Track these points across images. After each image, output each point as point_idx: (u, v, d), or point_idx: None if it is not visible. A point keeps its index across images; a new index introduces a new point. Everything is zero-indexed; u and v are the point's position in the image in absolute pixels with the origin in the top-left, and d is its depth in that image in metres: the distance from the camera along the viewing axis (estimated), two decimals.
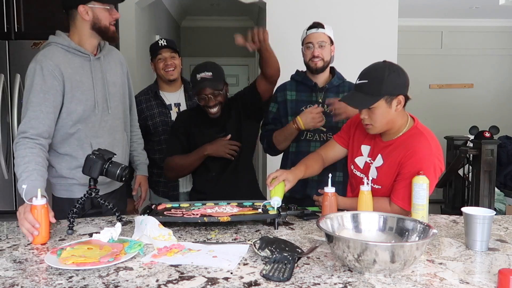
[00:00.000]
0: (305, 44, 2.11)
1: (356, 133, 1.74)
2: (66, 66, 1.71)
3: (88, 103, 1.77)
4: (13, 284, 1.06)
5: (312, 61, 2.08)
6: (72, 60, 1.74)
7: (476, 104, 6.16)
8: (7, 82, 2.81)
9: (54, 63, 1.68)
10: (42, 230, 1.36)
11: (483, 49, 6.15)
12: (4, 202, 2.86)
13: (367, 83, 1.51)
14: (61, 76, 1.69)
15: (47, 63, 1.67)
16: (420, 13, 5.67)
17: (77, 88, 1.74)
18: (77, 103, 1.74)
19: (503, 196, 4.68)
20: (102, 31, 1.76)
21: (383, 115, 1.52)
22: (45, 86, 1.66)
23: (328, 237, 1.16)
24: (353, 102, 1.58)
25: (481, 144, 4.16)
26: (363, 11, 3.64)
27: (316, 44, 2.07)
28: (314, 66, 2.09)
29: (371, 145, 1.67)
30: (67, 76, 1.71)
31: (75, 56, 1.75)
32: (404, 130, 1.60)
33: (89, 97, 1.77)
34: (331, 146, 1.84)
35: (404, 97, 1.53)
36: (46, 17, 2.89)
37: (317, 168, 1.80)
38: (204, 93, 1.94)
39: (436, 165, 1.55)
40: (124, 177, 1.58)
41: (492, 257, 1.24)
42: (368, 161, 1.66)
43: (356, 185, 1.68)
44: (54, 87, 1.68)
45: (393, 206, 1.57)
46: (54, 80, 1.68)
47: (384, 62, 1.54)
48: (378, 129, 1.58)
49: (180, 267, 1.15)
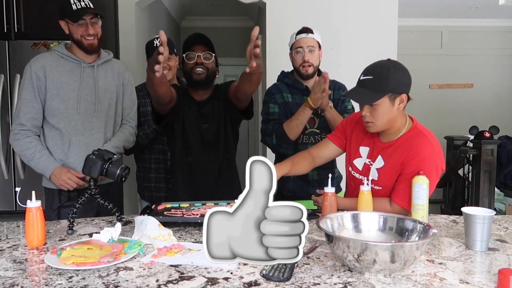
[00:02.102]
0: (295, 49, 2.11)
1: (353, 134, 1.73)
2: (53, 68, 1.95)
3: (70, 102, 1.96)
4: (13, 284, 1.06)
5: (303, 67, 2.09)
6: (63, 65, 1.98)
7: (476, 104, 6.16)
8: (7, 82, 2.81)
9: (41, 65, 1.94)
10: (38, 233, 1.35)
11: (483, 49, 6.15)
12: (4, 202, 2.86)
13: (371, 79, 1.49)
14: (44, 76, 1.94)
15: (35, 65, 1.95)
16: (420, 13, 5.67)
17: (62, 88, 1.95)
18: (60, 102, 1.95)
19: (503, 196, 4.68)
20: (76, 42, 1.97)
21: (385, 112, 1.51)
22: (33, 84, 1.93)
23: (328, 237, 1.16)
24: (357, 97, 1.56)
25: (481, 144, 4.16)
26: (363, 11, 3.64)
27: (306, 48, 2.07)
28: (305, 72, 2.09)
29: (370, 146, 1.65)
30: (51, 77, 1.94)
31: (67, 62, 1.98)
32: (403, 130, 1.59)
33: (73, 97, 1.96)
34: (325, 145, 1.81)
35: (407, 96, 1.53)
36: (46, 17, 2.89)
37: (305, 167, 1.77)
38: (196, 51, 1.95)
39: (438, 165, 1.55)
40: (124, 177, 1.58)
41: (492, 257, 1.24)
42: (368, 163, 1.65)
43: (355, 187, 1.66)
44: (39, 86, 1.94)
45: (394, 206, 1.56)
46: (38, 80, 1.93)
47: (389, 60, 1.53)
48: (379, 127, 1.56)
49: (180, 267, 1.16)
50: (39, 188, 2.82)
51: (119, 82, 2.12)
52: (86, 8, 1.91)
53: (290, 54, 2.16)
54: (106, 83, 2.05)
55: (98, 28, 1.98)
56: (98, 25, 1.98)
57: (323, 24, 3.52)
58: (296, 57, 2.11)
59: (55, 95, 1.95)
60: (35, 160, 1.92)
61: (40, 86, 1.93)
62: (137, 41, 3.65)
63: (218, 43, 2.27)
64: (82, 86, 1.98)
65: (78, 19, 1.91)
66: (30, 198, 1.37)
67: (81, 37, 1.94)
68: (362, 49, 3.52)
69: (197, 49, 1.98)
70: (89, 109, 2.00)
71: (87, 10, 1.91)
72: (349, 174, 1.74)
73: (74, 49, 2.00)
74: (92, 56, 2.03)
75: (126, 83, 2.15)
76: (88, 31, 1.93)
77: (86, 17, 1.92)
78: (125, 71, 2.17)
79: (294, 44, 2.11)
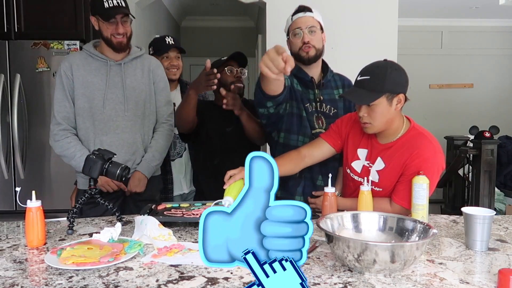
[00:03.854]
0: (292, 31, 1.82)
1: (349, 137, 1.70)
2: (79, 67, 1.95)
3: (95, 101, 1.94)
4: (13, 284, 1.06)
5: (303, 49, 1.79)
6: (90, 63, 1.96)
7: (476, 104, 6.16)
8: (7, 82, 2.81)
9: (69, 64, 1.95)
10: (38, 233, 1.35)
11: (483, 49, 6.15)
12: (4, 202, 2.86)
13: (369, 79, 1.49)
14: (71, 75, 1.94)
15: (64, 64, 1.96)
16: (420, 13, 5.67)
17: (87, 87, 1.94)
18: (85, 101, 1.94)
19: (503, 196, 4.68)
20: (105, 40, 1.94)
21: (383, 113, 1.51)
22: (63, 84, 1.94)
23: (328, 237, 1.16)
24: (355, 98, 1.55)
25: (481, 144, 4.16)
26: (363, 11, 3.64)
27: (306, 29, 1.79)
28: (306, 54, 1.80)
29: (368, 149, 1.64)
30: (77, 75, 1.94)
31: (94, 60, 1.97)
32: (402, 131, 1.58)
33: (97, 96, 1.94)
34: (318, 145, 1.74)
35: (404, 97, 1.53)
36: (46, 17, 2.90)
37: (291, 168, 1.71)
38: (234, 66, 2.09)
39: (440, 164, 1.55)
40: (124, 177, 1.58)
41: (492, 257, 1.24)
42: (367, 165, 1.64)
43: (355, 188, 1.66)
44: (68, 85, 1.94)
45: (395, 206, 1.56)
46: (67, 79, 1.94)
47: (386, 61, 1.53)
48: (376, 128, 1.56)
49: (180, 267, 1.16)
50: (39, 188, 2.83)
51: (149, 80, 2.05)
52: (118, 7, 1.88)
53: (288, 41, 1.87)
54: (134, 81, 2.00)
55: (128, 27, 1.96)
56: (128, 24, 1.96)
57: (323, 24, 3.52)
58: (294, 41, 1.82)
59: (81, 94, 1.94)
60: (76, 159, 1.91)
61: (69, 85, 1.94)
62: (137, 41, 3.64)
63: (218, 43, 2.29)
64: (108, 85, 1.95)
65: (109, 18, 1.88)
66: (30, 198, 1.36)
67: (111, 35, 1.91)
68: (362, 49, 3.52)
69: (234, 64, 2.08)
70: (115, 109, 1.97)
71: (119, 9, 1.88)
72: (347, 175, 1.73)
73: (103, 47, 1.97)
74: (121, 54, 1.98)
75: (158, 80, 2.08)
76: (118, 30, 1.91)
77: (117, 16, 1.89)
78: (157, 67, 2.09)
79: (291, 26, 1.84)
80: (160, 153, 2.07)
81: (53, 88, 2.80)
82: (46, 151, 2.87)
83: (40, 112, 2.86)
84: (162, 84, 2.10)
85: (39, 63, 2.83)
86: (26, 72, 2.83)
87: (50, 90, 2.85)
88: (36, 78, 2.84)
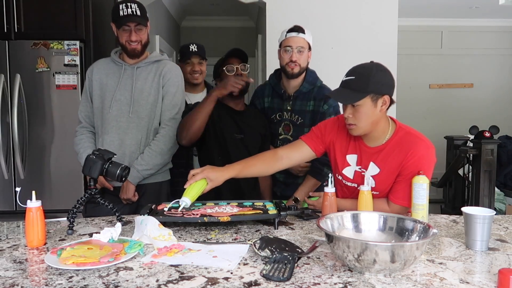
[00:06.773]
0: (283, 47, 2.07)
1: (335, 144, 1.67)
2: (99, 71, 2.10)
3: (105, 102, 2.06)
4: (13, 284, 1.06)
5: (289, 65, 2.05)
6: (109, 67, 2.10)
7: (476, 104, 6.16)
8: (7, 82, 2.81)
9: (91, 68, 2.13)
10: (38, 233, 1.35)
11: (483, 49, 6.15)
12: (4, 202, 2.86)
13: (354, 79, 1.49)
14: (91, 78, 2.10)
15: (89, 68, 2.15)
16: (420, 13, 5.67)
17: (102, 89, 2.08)
18: (98, 102, 2.08)
19: (503, 196, 4.68)
20: (121, 46, 2.06)
21: (367, 114, 1.50)
22: (86, 86, 2.12)
23: (328, 237, 1.16)
24: (339, 97, 1.56)
25: (481, 144, 4.16)
26: (363, 11, 3.64)
27: (295, 48, 2.04)
28: (291, 71, 2.06)
29: (357, 153, 1.62)
30: (96, 78, 2.09)
31: (114, 65, 2.10)
32: (389, 133, 1.57)
33: (108, 97, 2.05)
34: (298, 147, 1.71)
35: (390, 99, 1.52)
36: (46, 17, 2.90)
37: (263, 169, 1.70)
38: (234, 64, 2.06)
39: (433, 159, 1.56)
40: (124, 177, 1.58)
41: (492, 257, 1.24)
42: (358, 170, 1.62)
43: (349, 193, 1.66)
44: (90, 87, 2.11)
45: (393, 206, 1.56)
46: (89, 81, 2.11)
47: (372, 62, 1.53)
48: (361, 130, 1.54)
49: (180, 267, 1.15)
50: (39, 188, 2.84)
51: (159, 84, 2.07)
52: (131, 15, 1.97)
53: (279, 51, 2.12)
54: (143, 84, 2.05)
55: (143, 34, 2.04)
56: (144, 32, 2.04)
57: (323, 24, 3.53)
58: (283, 56, 2.07)
59: (97, 95, 2.07)
60: (80, 157, 2.04)
61: (90, 86, 2.10)
62: None
63: (218, 43, 2.29)
64: (119, 86, 2.05)
65: (121, 25, 1.99)
66: (30, 198, 1.36)
67: (126, 42, 2.02)
68: (362, 49, 3.53)
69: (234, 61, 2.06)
70: (121, 109, 2.03)
71: (131, 17, 1.98)
72: (339, 182, 1.70)
73: (123, 52, 2.09)
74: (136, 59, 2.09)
75: (167, 84, 2.07)
76: (131, 38, 2.00)
77: (130, 24, 1.99)
78: (168, 71, 2.09)
79: (284, 42, 2.08)
80: (151, 158, 2.02)
81: (53, 88, 2.85)
82: (46, 151, 2.87)
83: (40, 112, 2.86)
84: (172, 89, 2.08)
85: (39, 63, 2.83)
86: (26, 72, 2.83)
87: (50, 90, 2.85)
88: (36, 78, 2.84)
